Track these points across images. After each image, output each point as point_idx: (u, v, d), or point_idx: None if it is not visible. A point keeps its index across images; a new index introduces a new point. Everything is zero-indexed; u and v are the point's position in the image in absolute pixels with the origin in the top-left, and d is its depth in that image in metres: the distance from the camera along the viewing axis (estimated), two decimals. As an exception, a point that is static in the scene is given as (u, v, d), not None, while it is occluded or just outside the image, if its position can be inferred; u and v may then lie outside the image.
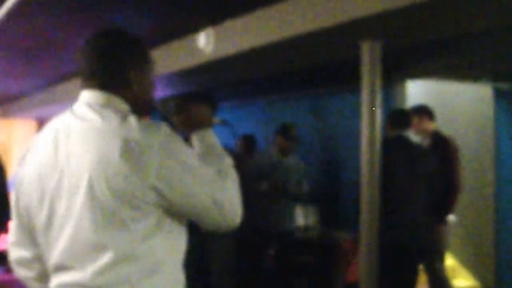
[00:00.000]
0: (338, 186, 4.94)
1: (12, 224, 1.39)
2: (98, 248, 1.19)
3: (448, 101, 4.79)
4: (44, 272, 1.33)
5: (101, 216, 1.18)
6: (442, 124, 3.95)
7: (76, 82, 5.01)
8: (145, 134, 1.20)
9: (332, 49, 3.09)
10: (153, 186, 1.18)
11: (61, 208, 1.22)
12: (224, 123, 1.74)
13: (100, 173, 1.18)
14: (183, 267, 1.31)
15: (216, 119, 1.62)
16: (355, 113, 3.18)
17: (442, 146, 3.57)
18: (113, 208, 1.18)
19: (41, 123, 5.85)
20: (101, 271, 1.19)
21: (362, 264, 2.80)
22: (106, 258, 1.18)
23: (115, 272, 1.19)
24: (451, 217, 3.70)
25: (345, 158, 4.78)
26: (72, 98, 1.36)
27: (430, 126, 3.66)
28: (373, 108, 2.78)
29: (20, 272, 1.41)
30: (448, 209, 3.57)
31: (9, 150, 3.90)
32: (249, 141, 5.05)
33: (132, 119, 1.24)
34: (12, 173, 3.44)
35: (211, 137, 1.45)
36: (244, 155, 4.71)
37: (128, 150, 1.18)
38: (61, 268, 1.24)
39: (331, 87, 4.91)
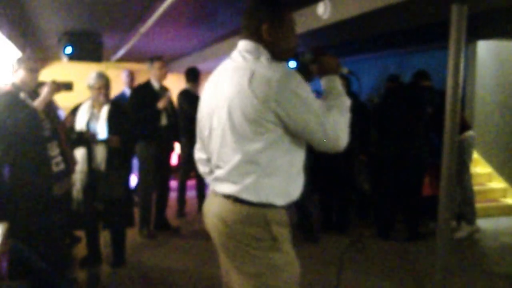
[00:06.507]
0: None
1: (197, 137, 1.82)
2: (233, 153, 1.54)
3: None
4: (211, 169, 1.74)
5: (236, 132, 1.52)
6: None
7: (219, 45, 6.10)
8: (268, 70, 1.49)
9: (428, 12, 3.59)
10: (273, 110, 1.47)
11: (215, 128, 1.60)
12: (351, 73, 1.86)
13: (236, 100, 1.49)
14: (300, 175, 1.62)
15: (345, 69, 1.79)
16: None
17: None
18: (244, 126, 1.50)
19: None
20: (233, 169, 1.55)
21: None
22: (236, 159, 1.53)
23: (242, 170, 1.53)
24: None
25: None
26: (216, 58, 1.86)
27: (426, 83, 4.82)
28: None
29: (200, 168, 1.84)
30: None
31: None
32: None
33: (264, 59, 1.53)
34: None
35: (335, 81, 1.69)
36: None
37: (253, 80, 1.47)
38: (216, 167, 1.65)
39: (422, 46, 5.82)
